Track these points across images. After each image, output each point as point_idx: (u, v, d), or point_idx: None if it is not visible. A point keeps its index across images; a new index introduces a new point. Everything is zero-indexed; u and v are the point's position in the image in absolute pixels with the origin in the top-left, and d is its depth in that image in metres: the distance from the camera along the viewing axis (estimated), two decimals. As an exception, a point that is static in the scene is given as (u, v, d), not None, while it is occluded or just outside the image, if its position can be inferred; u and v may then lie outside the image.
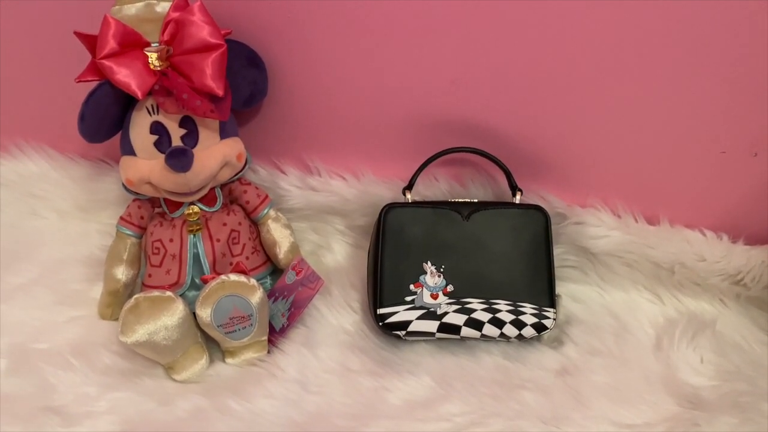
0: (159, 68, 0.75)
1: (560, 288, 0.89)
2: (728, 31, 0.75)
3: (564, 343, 0.85)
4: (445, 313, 0.80)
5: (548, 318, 0.82)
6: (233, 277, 0.76)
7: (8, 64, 0.93)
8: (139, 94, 0.73)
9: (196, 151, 0.77)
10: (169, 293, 0.76)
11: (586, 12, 0.76)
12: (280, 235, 0.87)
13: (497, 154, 0.87)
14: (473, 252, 0.83)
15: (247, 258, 0.84)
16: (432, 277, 0.82)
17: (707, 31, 0.75)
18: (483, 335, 0.81)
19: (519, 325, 0.81)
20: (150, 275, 0.82)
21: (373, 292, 0.82)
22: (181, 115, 0.77)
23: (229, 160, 0.80)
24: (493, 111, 0.86)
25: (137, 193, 0.82)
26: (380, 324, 0.81)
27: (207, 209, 0.83)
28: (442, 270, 0.82)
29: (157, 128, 0.78)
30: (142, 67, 0.74)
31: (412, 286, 0.82)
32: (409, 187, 0.88)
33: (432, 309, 0.81)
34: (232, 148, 0.81)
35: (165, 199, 0.83)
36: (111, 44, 0.72)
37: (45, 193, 0.99)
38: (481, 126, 0.87)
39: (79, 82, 0.74)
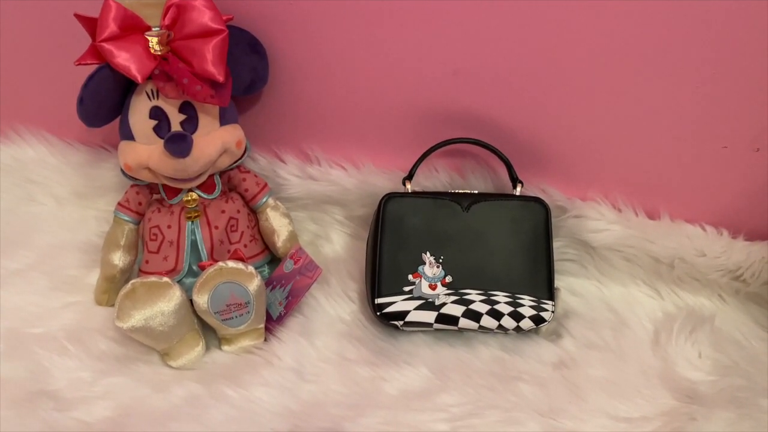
0: (159, 53, 0.74)
1: (559, 281, 0.88)
2: (731, 25, 0.75)
3: (562, 336, 0.85)
4: (443, 304, 0.80)
5: (546, 311, 0.82)
6: (231, 264, 0.76)
7: (7, 48, 0.92)
8: (139, 78, 0.73)
9: (196, 136, 0.77)
10: (166, 279, 0.76)
11: (589, 5, 0.76)
12: (278, 223, 0.87)
13: (498, 146, 0.86)
14: (472, 243, 0.83)
15: (245, 246, 0.84)
16: (431, 268, 0.82)
17: (710, 25, 0.75)
18: (481, 327, 0.80)
19: (517, 317, 0.81)
20: (147, 261, 0.82)
21: (371, 282, 0.82)
22: (181, 101, 0.77)
23: (229, 147, 0.80)
24: (495, 102, 0.86)
25: (135, 179, 0.81)
26: (378, 314, 0.80)
27: (205, 196, 0.83)
28: (441, 261, 0.82)
29: (157, 113, 0.77)
30: (143, 51, 0.74)
31: (410, 277, 0.81)
32: (409, 177, 0.87)
33: (430, 299, 0.80)
34: (232, 134, 0.80)
35: (163, 186, 0.82)
36: (111, 27, 0.72)
37: (43, 179, 0.99)
38: (482, 117, 0.87)
39: (78, 65, 0.73)
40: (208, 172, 0.80)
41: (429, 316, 0.80)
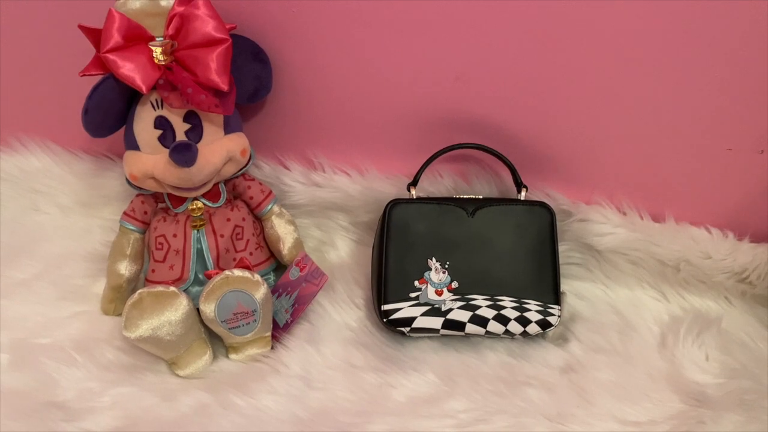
0: (163, 62, 0.74)
1: (565, 285, 0.88)
2: (734, 28, 0.75)
3: (569, 341, 0.84)
4: (450, 310, 0.80)
5: (553, 315, 0.81)
6: (237, 272, 0.76)
7: (11, 57, 0.92)
8: (144, 89, 0.73)
9: (200, 146, 0.77)
10: (172, 288, 0.76)
11: (592, 9, 0.76)
12: (283, 230, 0.87)
13: (502, 151, 0.86)
14: (478, 248, 0.83)
15: (251, 254, 0.84)
16: (437, 274, 0.82)
17: (713, 28, 0.75)
18: (487, 332, 0.80)
19: (524, 322, 0.80)
20: (153, 270, 0.82)
21: (377, 289, 0.82)
22: (185, 110, 0.77)
23: (233, 156, 0.80)
24: (498, 107, 0.86)
25: (141, 188, 0.81)
26: (384, 320, 0.80)
27: (211, 205, 0.83)
28: (446, 266, 0.82)
29: (162, 123, 0.77)
30: (147, 62, 0.74)
31: (416, 283, 0.81)
32: (414, 183, 0.87)
33: (436, 305, 0.80)
34: (236, 143, 0.80)
35: (168, 195, 0.82)
36: (115, 38, 0.72)
37: (47, 189, 0.99)
38: (486, 122, 0.87)
39: (83, 76, 0.73)
40: (213, 181, 0.80)
41: (435, 322, 0.80)
